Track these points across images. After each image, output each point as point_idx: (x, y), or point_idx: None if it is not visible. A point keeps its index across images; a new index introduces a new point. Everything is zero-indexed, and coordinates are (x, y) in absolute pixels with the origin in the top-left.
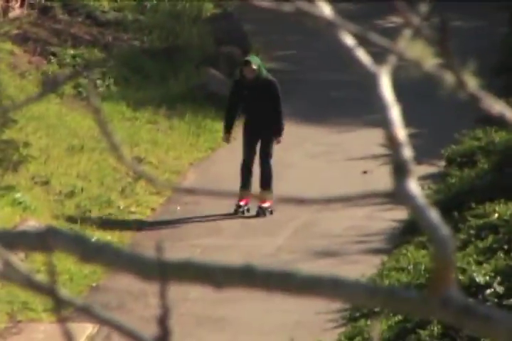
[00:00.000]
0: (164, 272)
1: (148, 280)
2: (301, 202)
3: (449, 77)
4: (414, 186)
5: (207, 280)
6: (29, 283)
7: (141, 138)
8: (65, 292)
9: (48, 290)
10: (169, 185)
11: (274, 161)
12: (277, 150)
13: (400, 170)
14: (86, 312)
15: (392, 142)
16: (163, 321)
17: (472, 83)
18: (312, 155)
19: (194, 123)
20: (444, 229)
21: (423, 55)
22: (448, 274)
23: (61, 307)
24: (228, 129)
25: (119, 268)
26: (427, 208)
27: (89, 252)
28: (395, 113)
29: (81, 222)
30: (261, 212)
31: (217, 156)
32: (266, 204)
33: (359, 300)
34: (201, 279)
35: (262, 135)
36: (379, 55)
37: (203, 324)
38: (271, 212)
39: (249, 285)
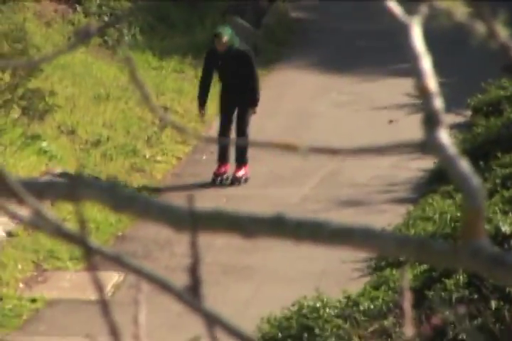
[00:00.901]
0: (195, 222)
1: (179, 230)
2: (332, 152)
3: (480, 27)
4: (444, 136)
5: (237, 230)
6: (58, 232)
7: (166, 87)
8: (93, 240)
9: (77, 239)
10: (197, 134)
11: (300, 110)
12: (303, 99)
13: (430, 120)
14: (115, 261)
15: (422, 92)
16: (193, 271)
17: (503, 33)
18: (338, 104)
19: None
20: (475, 179)
21: (454, 4)
22: (478, 225)
23: (90, 256)
24: (202, 102)
25: (150, 218)
26: (457, 158)
27: (119, 202)
28: (426, 63)
29: (107, 171)
30: (235, 181)
31: None
32: (240, 173)
33: (389, 251)
34: (231, 229)
35: (238, 104)
36: (410, 5)
37: (229, 273)
38: (245, 180)
39: (279, 235)
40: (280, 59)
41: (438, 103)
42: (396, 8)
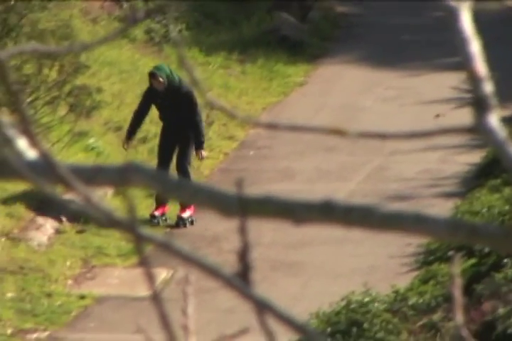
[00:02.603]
0: (244, 208)
1: (228, 216)
2: (381, 136)
3: None
4: (494, 121)
5: (287, 216)
6: (108, 219)
7: (213, 83)
8: (145, 229)
9: (127, 226)
10: (250, 119)
11: (347, 105)
12: (350, 94)
13: (480, 105)
14: (166, 248)
15: (471, 76)
16: (243, 257)
17: None
18: (384, 99)
19: (266, 67)
20: None
21: None
22: None
23: (140, 244)
24: (129, 136)
25: (199, 204)
26: (507, 143)
27: (169, 188)
28: (475, 47)
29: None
30: (181, 223)
31: (290, 101)
32: (186, 214)
33: (440, 235)
34: (281, 215)
35: (179, 143)
36: None
37: (277, 268)
38: (191, 223)
39: (328, 220)
40: (326, 54)
41: (488, 87)
42: None
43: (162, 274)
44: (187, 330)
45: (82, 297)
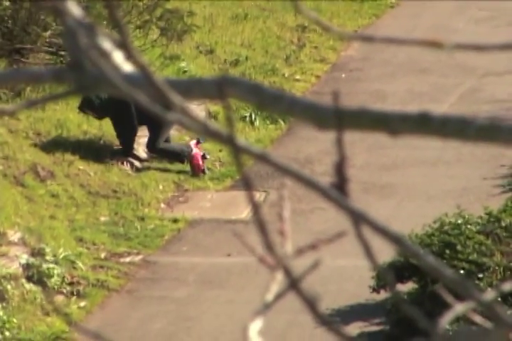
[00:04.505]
0: (340, 119)
1: (324, 128)
2: (478, 48)
3: None
4: None
5: (382, 127)
6: (206, 131)
7: (305, 5)
8: (243, 140)
9: (224, 137)
10: (345, 33)
11: (439, 27)
12: (442, 15)
13: None
14: (263, 160)
15: None
16: (339, 169)
17: None
18: (477, 20)
19: None
20: None
21: None
22: None
23: (238, 155)
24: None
25: (295, 116)
26: None
27: (265, 101)
28: None
29: None
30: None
31: (382, 23)
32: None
33: None
34: (377, 126)
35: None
36: None
37: (370, 190)
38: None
39: (424, 132)
40: None
41: None
42: None
43: (254, 197)
44: (284, 235)
45: (175, 220)
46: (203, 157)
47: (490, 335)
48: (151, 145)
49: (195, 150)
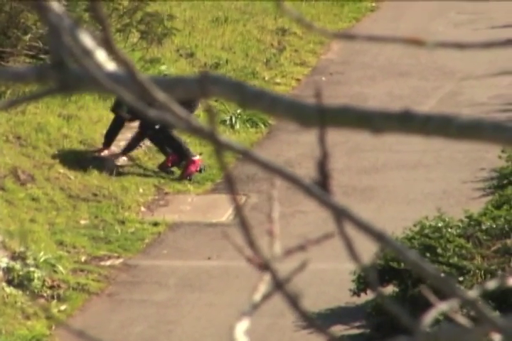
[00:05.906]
0: (323, 117)
1: (306, 126)
2: (459, 46)
3: None
4: None
5: (365, 125)
6: (189, 127)
7: (287, 5)
8: (225, 136)
9: (207, 133)
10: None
11: (419, 30)
12: (421, 19)
13: None
14: (245, 156)
15: None
16: (322, 166)
17: None
18: (456, 23)
19: None
20: None
21: None
22: None
23: (220, 151)
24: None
25: (277, 114)
26: None
27: (247, 99)
28: None
29: None
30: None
31: (362, 26)
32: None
33: None
34: (359, 124)
35: None
36: None
37: (350, 194)
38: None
39: (407, 130)
40: None
41: None
42: None
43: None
44: (272, 235)
45: (155, 224)
46: (200, 170)
47: (472, 334)
48: (164, 133)
49: (198, 157)
